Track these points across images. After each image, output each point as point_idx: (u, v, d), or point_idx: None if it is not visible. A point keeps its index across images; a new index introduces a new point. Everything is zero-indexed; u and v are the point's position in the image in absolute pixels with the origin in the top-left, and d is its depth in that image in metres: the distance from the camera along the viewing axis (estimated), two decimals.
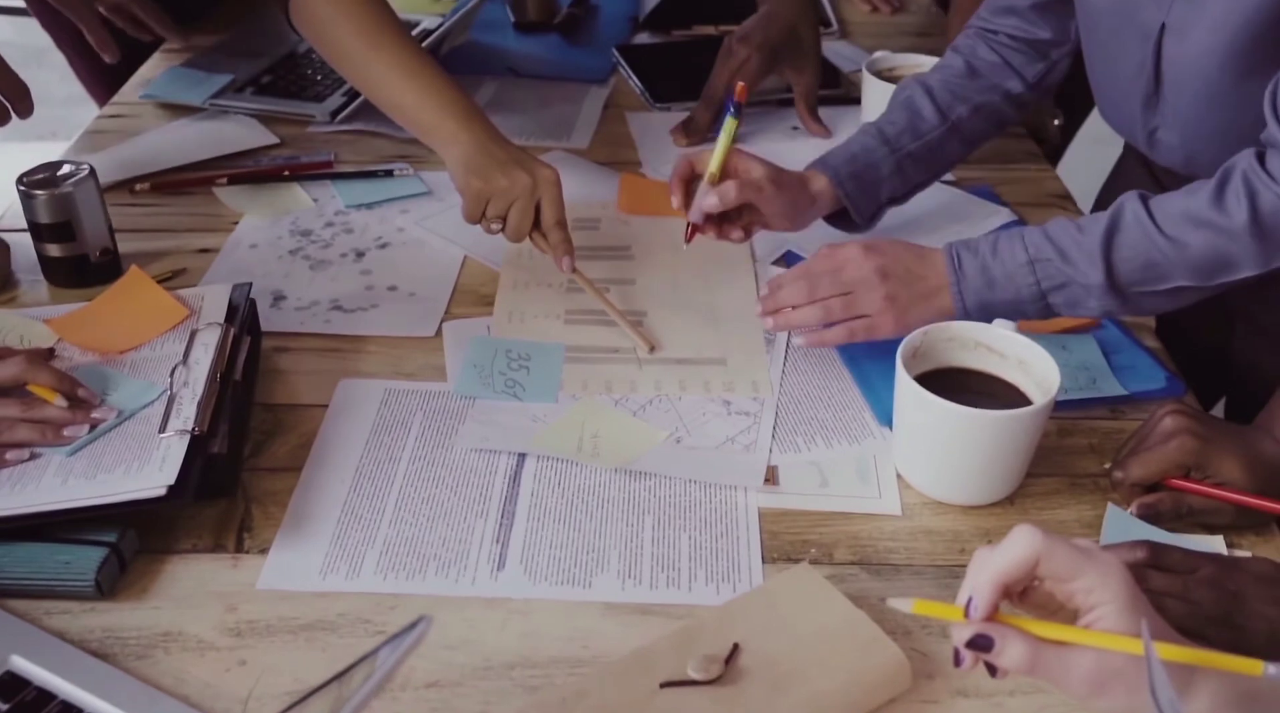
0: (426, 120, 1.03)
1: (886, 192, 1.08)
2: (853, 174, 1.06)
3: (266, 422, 0.89)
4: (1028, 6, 1.07)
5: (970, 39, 1.12)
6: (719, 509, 0.82)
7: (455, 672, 0.70)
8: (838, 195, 1.05)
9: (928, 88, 1.10)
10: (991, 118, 1.10)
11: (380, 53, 1.03)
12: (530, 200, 0.99)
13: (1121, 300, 0.88)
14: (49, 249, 1.03)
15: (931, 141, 1.08)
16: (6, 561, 0.74)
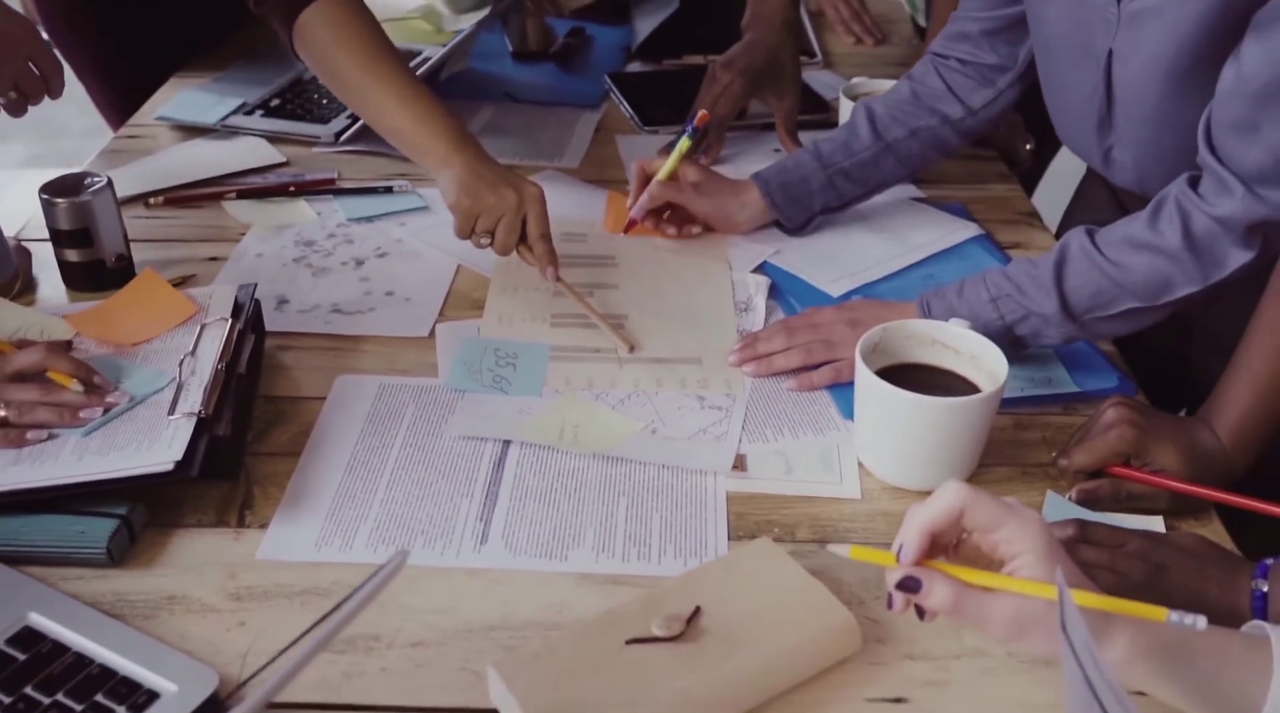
0: (421, 144, 1.10)
1: (819, 202, 1.20)
2: (782, 185, 1.19)
3: (268, 412, 0.95)
4: (979, 32, 1.14)
5: (924, 66, 1.20)
6: (689, 492, 0.87)
7: (439, 633, 0.75)
8: (768, 204, 1.19)
9: (870, 110, 1.19)
10: (930, 141, 1.19)
11: (378, 80, 1.10)
12: (516, 216, 1.06)
13: (1078, 327, 0.95)
14: (68, 254, 1.09)
15: (864, 159, 1.18)
16: (26, 530, 0.79)
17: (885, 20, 1.84)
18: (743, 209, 1.20)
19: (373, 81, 1.10)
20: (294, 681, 0.68)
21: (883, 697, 0.72)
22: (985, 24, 1.14)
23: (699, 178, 1.21)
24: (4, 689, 0.69)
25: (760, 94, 1.39)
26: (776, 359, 1.00)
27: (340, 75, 1.12)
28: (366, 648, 0.74)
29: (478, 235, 1.07)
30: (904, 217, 1.26)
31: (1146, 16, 0.94)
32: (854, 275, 1.15)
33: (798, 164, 1.20)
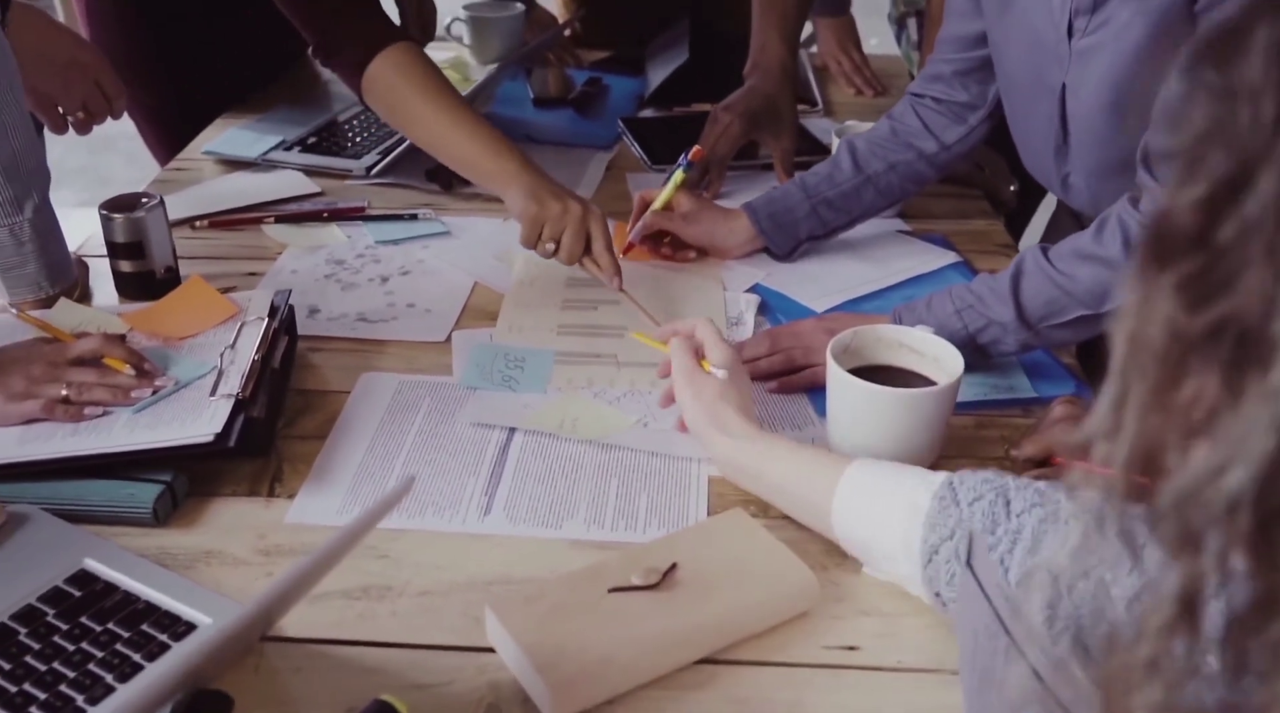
0: (489, 166, 1.21)
1: (805, 230, 1.30)
2: (770, 214, 1.29)
3: (298, 402, 1.06)
4: (951, 73, 1.25)
5: (903, 105, 1.30)
6: (674, 475, 0.96)
7: (444, 585, 0.84)
8: (757, 231, 1.28)
9: (852, 145, 1.30)
10: (906, 174, 1.29)
11: (450, 116, 1.22)
12: (582, 226, 1.16)
13: (1033, 334, 1.04)
14: (122, 265, 1.20)
15: (846, 190, 1.28)
16: (82, 492, 0.89)
17: (885, 74, 1.96)
18: (732, 235, 1.30)
19: (445, 117, 1.22)
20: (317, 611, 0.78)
21: (837, 645, 0.80)
22: (957, 65, 1.25)
23: (691, 207, 1.31)
24: (62, 619, 0.78)
25: (758, 135, 1.50)
26: (761, 364, 1.09)
27: (413, 114, 1.24)
28: (379, 596, 0.83)
29: (544, 242, 1.17)
30: (888, 246, 1.36)
31: (1093, 52, 1.05)
32: (837, 294, 1.24)
33: (784, 194, 1.30)
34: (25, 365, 0.96)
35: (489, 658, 0.78)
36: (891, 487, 0.80)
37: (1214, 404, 0.32)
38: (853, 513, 0.82)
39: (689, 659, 0.78)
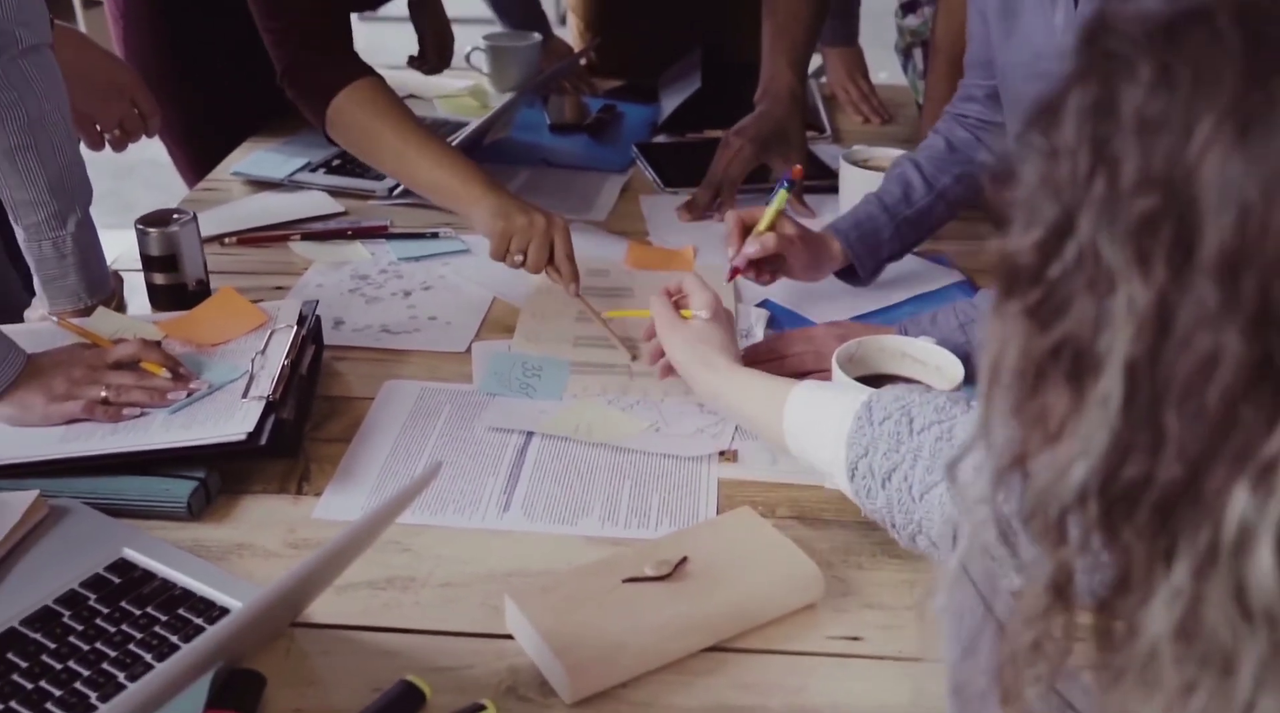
0: (458, 190, 1.26)
1: (887, 251, 1.31)
2: (860, 237, 1.29)
3: (324, 407, 1.10)
4: (983, 95, 1.30)
5: (947, 123, 1.34)
6: (685, 477, 1.00)
7: (464, 577, 0.88)
8: (847, 254, 1.28)
9: (916, 163, 1.32)
10: (972, 185, 1.31)
11: (415, 144, 1.28)
12: (546, 237, 1.21)
13: None
14: (155, 278, 1.25)
15: (922, 208, 1.30)
16: (120, 487, 0.94)
17: (892, 103, 2.01)
18: (830, 260, 1.29)
19: (410, 146, 1.28)
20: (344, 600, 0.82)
21: (841, 635, 0.84)
22: (987, 89, 1.29)
23: (796, 229, 1.27)
24: (103, 603, 0.82)
25: (769, 158, 1.55)
26: (772, 367, 1.13)
27: (380, 144, 1.30)
28: (403, 586, 0.87)
29: (511, 254, 1.22)
30: (894, 266, 1.40)
31: None
32: (845, 311, 1.28)
33: (868, 217, 1.30)
34: (67, 369, 1.01)
35: (508, 644, 0.82)
36: (826, 406, 0.87)
37: (1062, 411, 0.37)
38: (797, 431, 0.89)
39: (699, 647, 0.81)
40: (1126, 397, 0.35)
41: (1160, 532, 0.36)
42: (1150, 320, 0.34)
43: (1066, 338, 0.37)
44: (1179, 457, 0.35)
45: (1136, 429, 0.35)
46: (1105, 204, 0.36)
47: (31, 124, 1.09)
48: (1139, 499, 0.36)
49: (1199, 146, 0.33)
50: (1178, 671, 0.35)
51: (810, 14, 1.65)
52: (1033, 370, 0.39)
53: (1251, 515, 0.33)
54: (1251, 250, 0.32)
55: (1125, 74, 0.36)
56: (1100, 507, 0.37)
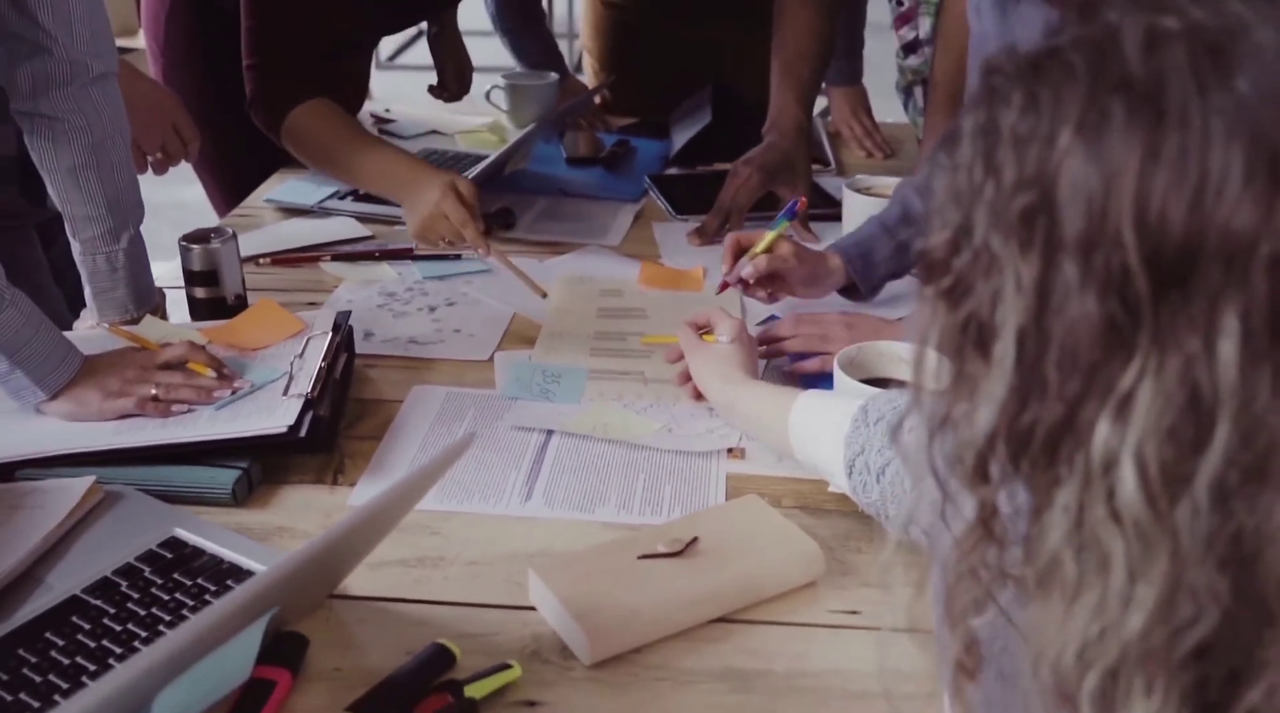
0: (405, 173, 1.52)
1: (886, 268, 1.38)
2: (860, 254, 1.36)
3: (357, 409, 1.17)
4: None
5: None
6: (696, 471, 1.07)
7: (490, 556, 0.95)
8: (848, 271, 1.35)
9: (918, 188, 1.40)
10: None
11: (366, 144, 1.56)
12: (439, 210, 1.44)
13: None
14: (196, 292, 1.33)
15: (923, 229, 1.37)
16: (169, 475, 1.01)
17: (894, 139, 2.09)
18: (830, 276, 1.36)
19: (365, 145, 1.56)
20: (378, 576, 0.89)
21: (841, 609, 0.90)
22: None
23: (793, 250, 1.34)
24: (157, 575, 0.89)
25: (775, 187, 1.63)
26: (783, 345, 1.22)
27: (332, 152, 1.54)
28: (433, 565, 0.94)
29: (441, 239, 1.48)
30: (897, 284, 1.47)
31: None
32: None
33: (870, 236, 1.37)
34: (120, 369, 1.09)
35: (531, 615, 0.88)
36: (828, 411, 0.94)
37: (973, 374, 0.46)
38: (801, 433, 0.97)
39: (708, 617, 0.88)
40: (1018, 357, 0.43)
41: (1051, 462, 0.44)
42: (1032, 296, 0.43)
43: (971, 314, 0.45)
44: (1059, 398, 0.43)
45: (1027, 381, 0.43)
46: (993, 205, 0.44)
47: (95, 146, 1.18)
48: (1033, 437, 0.44)
49: (1059, 154, 0.42)
50: (1072, 571, 0.43)
51: (816, 53, 1.74)
52: (949, 343, 0.47)
53: (1114, 441, 0.41)
54: (1097, 233, 0.41)
55: (1003, 101, 0.44)
56: (1007, 448, 0.45)
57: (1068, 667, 0.43)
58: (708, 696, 0.81)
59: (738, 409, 1.07)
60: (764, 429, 1.04)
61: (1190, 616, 0.40)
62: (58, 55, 1.14)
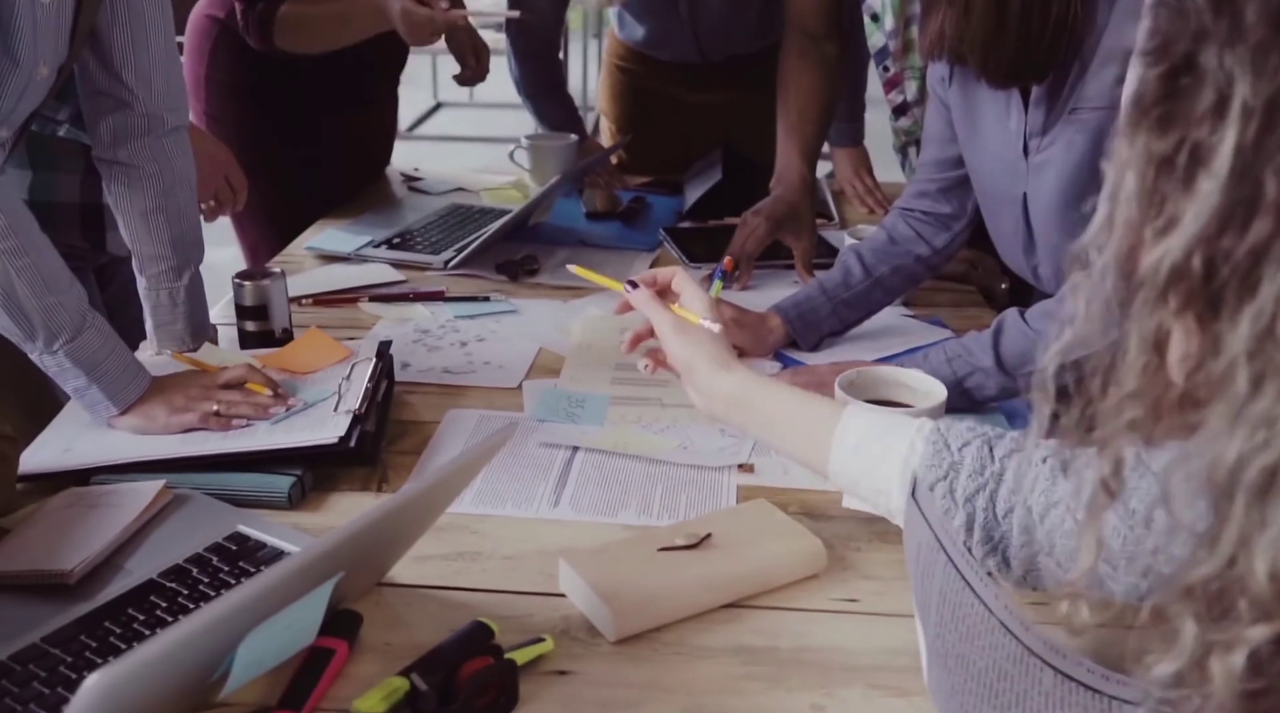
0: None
1: (827, 327, 1.51)
2: (799, 315, 1.50)
3: (397, 428, 1.27)
4: (935, 190, 1.50)
5: (893, 218, 1.55)
6: (709, 482, 1.17)
7: (523, 552, 1.04)
8: (788, 330, 1.48)
9: (859, 253, 1.53)
10: (906, 275, 1.52)
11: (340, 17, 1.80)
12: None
13: (1010, 379, 1.25)
14: (247, 325, 1.44)
15: (859, 291, 1.50)
16: (230, 481, 1.11)
17: (895, 197, 2.21)
18: (770, 335, 1.49)
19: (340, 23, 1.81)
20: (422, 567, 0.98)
21: (841, 598, 0.99)
22: (940, 184, 1.49)
23: (732, 314, 1.48)
24: (224, 563, 0.99)
25: (782, 236, 1.74)
26: None
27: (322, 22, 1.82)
28: (471, 559, 1.03)
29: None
30: (893, 326, 1.58)
31: (1045, 166, 1.29)
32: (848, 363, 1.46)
33: (808, 297, 1.52)
34: (185, 388, 1.19)
35: (561, 601, 0.98)
36: (888, 430, 0.92)
37: (1174, 201, 0.49)
38: (851, 449, 0.92)
39: (721, 602, 0.97)
40: (1231, 172, 0.47)
41: (1245, 281, 0.46)
42: (1261, 115, 0.46)
43: (1184, 137, 0.48)
44: (1272, 213, 0.45)
45: (1235, 200, 0.47)
46: (1228, 36, 0.48)
47: (165, 192, 1.30)
48: (1231, 256, 0.46)
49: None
50: (1243, 384, 0.46)
51: (818, 115, 1.87)
52: (1152, 172, 0.51)
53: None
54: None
55: None
56: (1202, 267, 0.47)
57: (1228, 465, 0.46)
58: (720, 668, 0.91)
59: (755, 406, 0.97)
60: (787, 434, 0.96)
61: None
62: (137, 110, 1.27)
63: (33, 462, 1.12)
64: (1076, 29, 1.19)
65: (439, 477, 0.87)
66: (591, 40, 5.65)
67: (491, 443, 0.90)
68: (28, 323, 1.10)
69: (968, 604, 0.75)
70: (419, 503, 0.90)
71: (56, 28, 1.15)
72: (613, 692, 0.88)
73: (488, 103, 6.20)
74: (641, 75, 2.29)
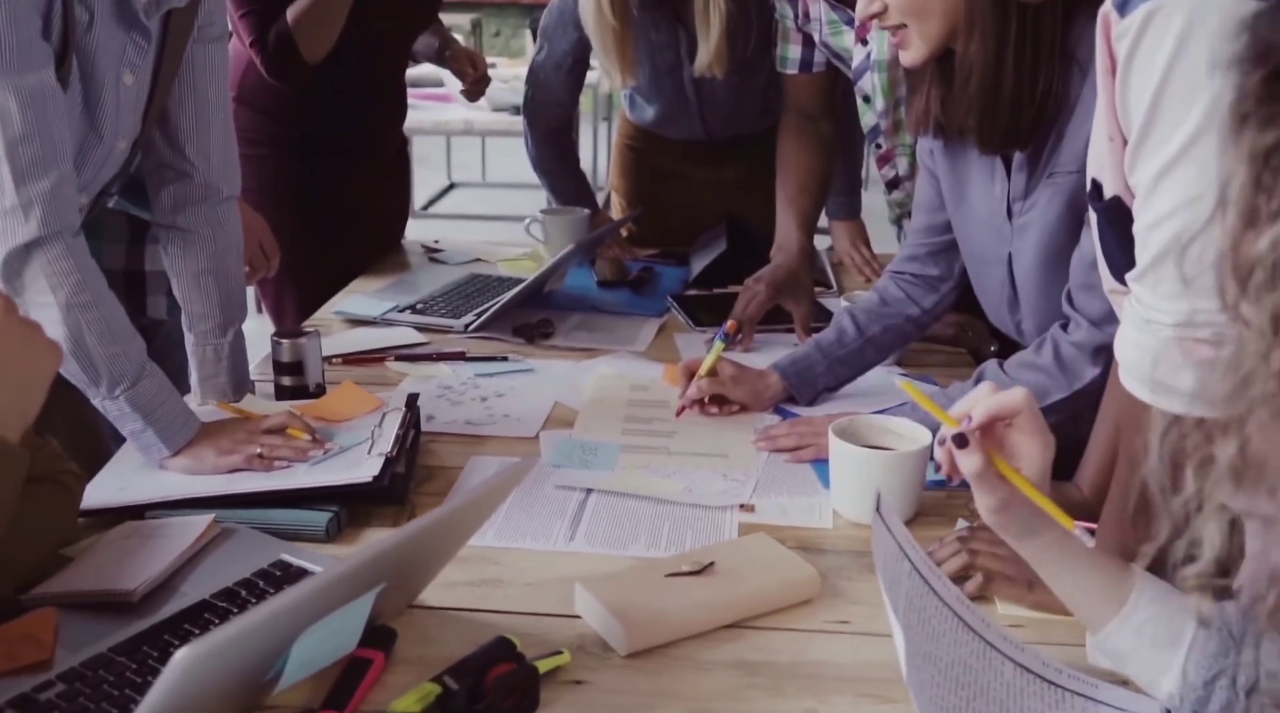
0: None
1: (822, 383, 1.62)
2: (796, 372, 1.61)
3: (424, 472, 1.38)
4: (925, 254, 1.61)
5: (884, 281, 1.66)
6: (712, 520, 1.26)
7: (541, 579, 1.14)
8: (786, 386, 1.57)
9: (852, 313, 1.64)
10: (897, 334, 1.63)
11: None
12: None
13: None
14: (283, 380, 1.55)
15: (853, 350, 1.61)
16: (274, 516, 1.21)
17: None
18: (768, 390, 1.59)
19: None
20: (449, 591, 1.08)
21: (834, 620, 1.08)
22: (929, 248, 1.61)
23: (732, 371, 1.59)
24: (270, 586, 1.08)
25: (782, 300, 1.86)
26: (781, 440, 1.41)
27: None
28: (494, 585, 1.13)
29: None
30: (885, 382, 1.68)
31: (1028, 227, 1.40)
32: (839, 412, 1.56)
33: (805, 355, 1.62)
34: (231, 433, 1.30)
35: (577, 622, 1.07)
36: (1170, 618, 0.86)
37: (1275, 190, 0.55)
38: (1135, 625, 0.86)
39: (723, 622, 1.06)
40: None
41: None
42: None
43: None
44: None
45: None
46: None
47: (217, 255, 1.42)
48: None
49: None
50: None
51: (815, 188, 2.00)
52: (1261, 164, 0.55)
53: None
54: None
55: None
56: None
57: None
58: (723, 678, 1.00)
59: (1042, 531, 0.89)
60: (1077, 591, 0.89)
61: None
62: (196, 181, 1.40)
63: (92, 499, 1.22)
64: (1056, 100, 1.31)
65: (468, 499, 0.97)
66: (601, 123, 5.84)
67: (513, 472, 1.00)
68: (94, 370, 1.21)
69: (932, 607, 0.85)
70: (450, 522, 1.00)
71: (135, 107, 1.28)
72: (624, 699, 0.97)
73: (500, 182, 6.38)
74: (650, 153, 2.42)
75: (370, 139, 2.18)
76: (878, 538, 0.91)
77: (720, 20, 1.95)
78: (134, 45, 1.28)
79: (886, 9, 1.33)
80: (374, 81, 2.14)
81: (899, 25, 1.33)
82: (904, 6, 1.32)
